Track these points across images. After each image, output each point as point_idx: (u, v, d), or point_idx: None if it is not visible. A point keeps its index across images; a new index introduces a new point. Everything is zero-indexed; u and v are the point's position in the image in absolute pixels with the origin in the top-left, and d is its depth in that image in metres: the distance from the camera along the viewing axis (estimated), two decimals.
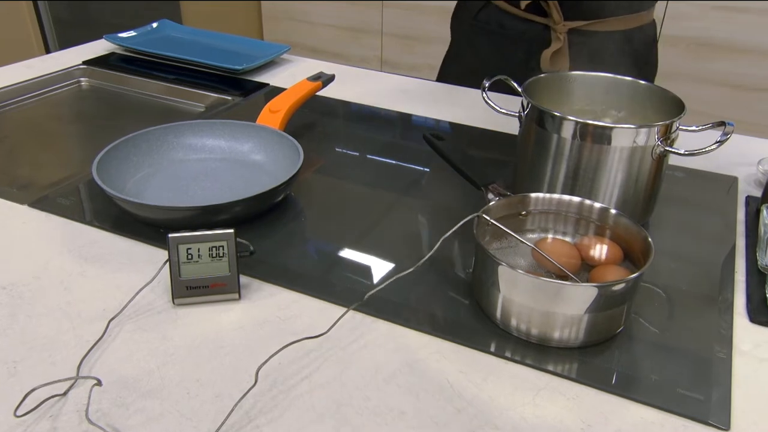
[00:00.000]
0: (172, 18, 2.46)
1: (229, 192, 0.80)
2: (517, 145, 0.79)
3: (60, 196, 0.80)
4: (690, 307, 0.65)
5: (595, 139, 0.70)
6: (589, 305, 0.56)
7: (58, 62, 1.21)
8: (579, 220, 0.67)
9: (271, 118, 0.90)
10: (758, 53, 2.32)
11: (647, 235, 0.61)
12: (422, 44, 2.77)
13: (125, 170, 0.81)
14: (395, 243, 0.74)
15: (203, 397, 0.53)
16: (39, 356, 0.57)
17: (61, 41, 2.44)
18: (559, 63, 1.07)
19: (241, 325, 0.61)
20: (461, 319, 0.62)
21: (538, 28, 1.09)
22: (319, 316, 0.62)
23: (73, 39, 2.10)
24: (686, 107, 0.72)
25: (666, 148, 0.70)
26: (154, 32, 1.34)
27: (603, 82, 0.82)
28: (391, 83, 1.20)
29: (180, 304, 0.63)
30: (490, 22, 1.15)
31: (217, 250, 0.63)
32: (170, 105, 1.12)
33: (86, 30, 2.27)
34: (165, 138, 0.86)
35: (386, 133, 1.00)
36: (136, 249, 0.72)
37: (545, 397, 0.54)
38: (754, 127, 2.35)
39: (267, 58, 1.21)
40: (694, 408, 0.53)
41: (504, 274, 0.58)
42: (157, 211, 0.72)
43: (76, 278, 0.67)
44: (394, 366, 0.57)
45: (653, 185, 0.74)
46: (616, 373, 0.57)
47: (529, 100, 0.74)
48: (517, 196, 0.67)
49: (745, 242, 0.75)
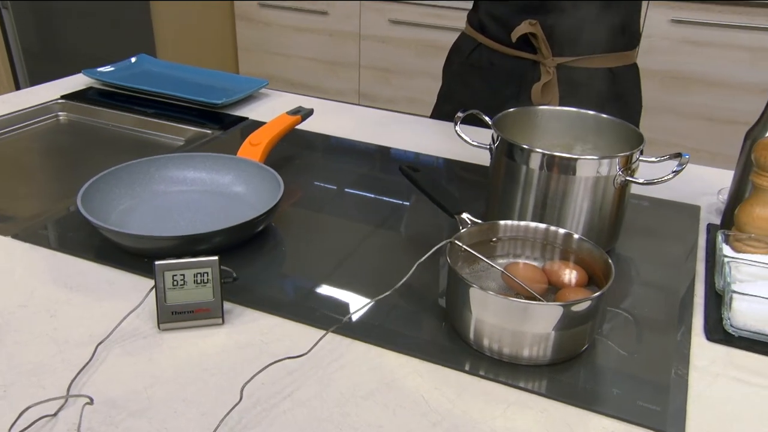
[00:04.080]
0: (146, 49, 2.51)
1: (211, 223, 0.82)
2: (489, 176, 0.83)
3: (43, 227, 0.82)
4: (651, 328, 0.69)
5: (561, 169, 0.74)
6: (556, 323, 0.60)
7: (36, 97, 1.24)
8: (545, 245, 0.71)
9: (251, 151, 0.93)
10: (729, 86, 2.42)
11: (608, 258, 0.65)
12: (399, 77, 2.84)
13: (109, 202, 0.83)
14: (372, 269, 0.77)
15: (189, 415, 0.55)
16: (28, 380, 0.58)
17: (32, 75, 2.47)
18: (549, 96, 1.12)
19: (225, 349, 0.64)
20: (436, 340, 0.65)
21: (527, 63, 1.15)
22: (300, 339, 0.65)
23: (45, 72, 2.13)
24: (645, 139, 0.77)
25: (627, 177, 0.75)
26: (132, 67, 1.37)
27: (569, 117, 0.87)
28: (368, 116, 1.25)
29: (165, 329, 0.66)
30: (481, 61, 1.21)
31: (202, 277, 0.66)
32: (150, 138, 1.15)
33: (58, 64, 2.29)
34: (147, 170, 0.89)
35: (364, 166, 1.04)
36: (120, 278, 0.74)
37: (515, 410, 0.57)
38: (726, 158, 2.43)
39: (245, 93, 1.25)
40: (653, 419, 0.57)
41: (476, 295, 0.61)
42: (142, 241, 0.75)
43: (62, 306, 0.69)
44: (372, 384, 0.60)
45: (617, 213, 0.78)
46: (581, 388, 0.60)
47: (498, 133, 0.78)
48: (487, 224, 0.71)
49: (705, 267, 0.80)
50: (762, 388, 0.61)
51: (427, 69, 2.78)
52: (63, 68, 2.14)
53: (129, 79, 1.29)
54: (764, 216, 0.75)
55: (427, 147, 1.12)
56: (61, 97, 1.22)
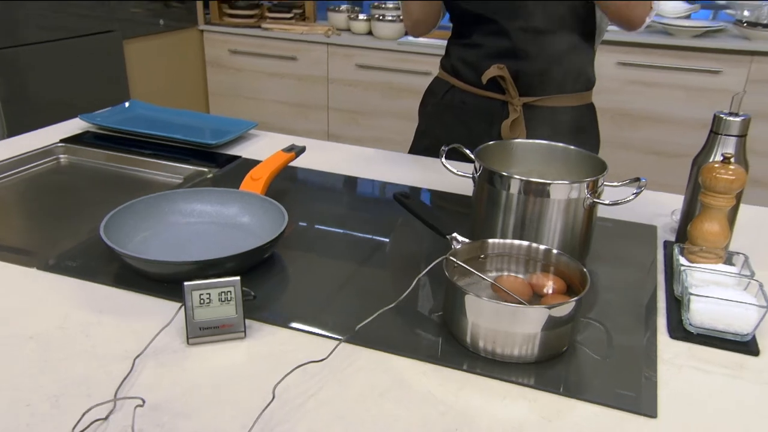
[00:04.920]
0: (120, 93, 2.57)
1: (221, 250, 0.89)
2: (472, 201, 0.93)
3: (66, 259, 0.88)
4: (623, 329, 0.79)
5: (537, 193, 0.85)
6: (542, 325, 0.69)
7: (35, 141, 1.30)
8: (528, 260, 0.81)
9: (253, 185, 1.01)
10: (671, 122, 2.61)
11: (584, 269, 0.75)
12: (367, 118, 2.96)
13: (126, 234, 0.90)
14: (375, 285, 0.86)
15: (227, 415, 0.62)
16: (76, 390, 0.65)
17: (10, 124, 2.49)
18: (517, 131, 1.24)
19: (250, 358, 0.71)
20: (437, 345, 0.74)
21: (497, 103, 1.27)
22: (316, 348, 0.73)
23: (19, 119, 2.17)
24: (608, 166, 0.88)
25: (594, 200, 0.86)
26: (126, 111, 1.45)
27: (540, 148, 0.98)
28: (353, 153, 1.34)
29: (194, 344, 0.73)
30: (455, 102, 1.33)
31: (226, 295, 0.73)
32: (149, 177, 1.22)
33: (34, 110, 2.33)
34: (159, 204, 0.96)
35: (354, 196, 1.13)
36: (142, 300, 0.81)
37: (510, 400, 0.66)
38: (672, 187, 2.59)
39: (237, 133, 1.34)
40: (629, 403, 0.66)
41: (471, 302, 0.70)
42: (164, 266, 0.82)
43: (95, 327, 0.75)
44: (385, 384, 0.68)
45: (586, 231, 0.89)
46: (565, 380, 0.69)
47: (480, 163, 0.89)
48: (477, 242, 0.80)
49: (665, 277, 0.91)
50: (718, 375, 0.71)
51: (393, 110, 2.91)
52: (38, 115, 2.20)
53: (125, 123, 1.36)
54: (713, 230, 0.86)
55: (409, 179, 1.22)
56: (60, 141, 1.28)
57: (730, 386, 0.70)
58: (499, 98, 1.27)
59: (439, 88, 1.36)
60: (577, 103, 1.30)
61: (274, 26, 2.97)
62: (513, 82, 1.23)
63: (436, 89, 1.38)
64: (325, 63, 2.93)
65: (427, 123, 1.42)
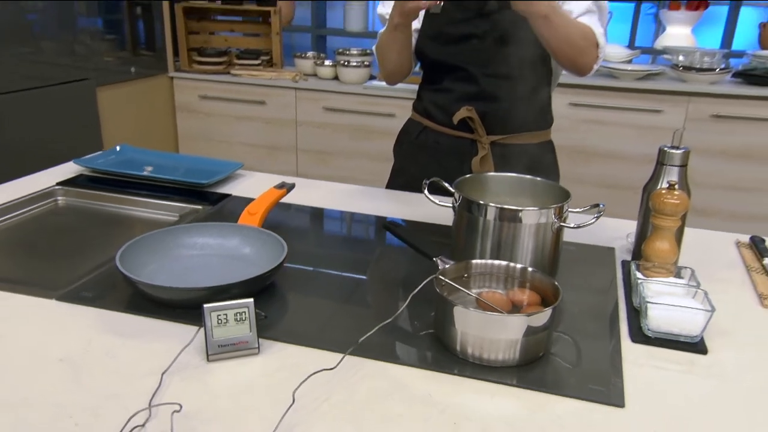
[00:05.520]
0: (93, 139, 2.63)
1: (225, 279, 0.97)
2: (453, 228, 1.04)
3: (81, 290, 0.95)
4: (591, 335, 0.89)
5: (511, 219, 0.96)
6: (523, 332, 0.79)
7: (32, 185, 1.36)
8: (507, 277, 0.91)
9: (250, 219, 1.10)
10: (621, 158, 2.79)
11: (555, 282, 0.85)
12: (335, 158, 3.07)
13: (137, 265, 0.97)
14: (368, 304, 0.95)
15: (252, 419, 0.70)
16: (113, 403, 0.72)
17: None
18: (486, 166, 1.36)
19: (265, 371, 0.79)
20: (430, 353, 0.83)
21: (467, 141, 1.40)
22: (323, 361, 0.81)
23: None
24: (571, 194, 1.00)
25: (561, 223, 0.97)
26: (118, 154, 1.52)
27: (511, 180, 1.10)
28: (336, 189, 1.44)
29: (213, 360, 0.81)
30: (428, 141, 1.45)
31: (241, 315, 0.82)
32: (145, 216, 1.30)
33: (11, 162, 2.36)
34: (164, 239, 1.04)
35: (343, 227, 1.23)
36: (157, 325, 0.88)
37: (499, 398, 0.76)
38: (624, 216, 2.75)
39: (227, 173, 1.42)
40: (601, 396, 0.76)
41: (459, 313, 0.80)
42: (178, 293, 0.90)
43: (119, 349, 0.82)
44: (387, 388, 0.77)
45: (554, 251, 1.00)
46: (545, 379, 0.79)
47: (460, 194, 1.00)
48: (461, 263, 0.91)
49: (624, 291, 1.02)
50: (673, 372, 0.82)
51: (360, 150, 3.03)
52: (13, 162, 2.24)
53: (118, 166, 1.44)
54: (663, 248, 0.99)
55: (390, 212, 1.32)
56: (56, 184, 1.35)
57: (684, 380, 0.81)
58: (468, 137, 1.39)
59: (413, 129, 1.48)
60: (538, 140, 1.43)
61: (243, 72, 3.08)
62: (481, 122, 1.36)
63: (410, 130, 1.50)
64: (293, 107, 3.04)
65: (402, 161, 1.53)
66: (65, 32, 2.51)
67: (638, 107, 2.72)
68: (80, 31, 2.58)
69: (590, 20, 1.29)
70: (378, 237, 1.22)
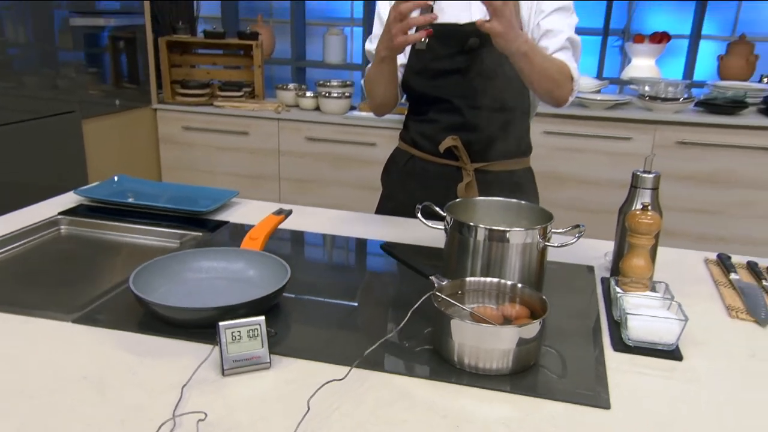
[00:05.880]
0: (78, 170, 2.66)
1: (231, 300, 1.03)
2: (445, 249, 1.11)
3: (95, 313, 1.00)
4: (577, 346, 0.97)
5: (499, 239, 1.03)
6: (515, 342, 0.86)
7: (34, 215, 1.40)
8: (498, 293, 0.98)
9: (252, 244, 1.16)
10: (594, 184, 2.91)
11: (543, 297, 0.93)
12: (317, 186, 3.14)
13: (148, 288, 1.02)
14: (372, 319, 1.02)
15: (270, 427, 0.76)
16: (138, 414, 0.77)
17: None
18: (471, 192, 1.45)
19: (277, 384, 0.85)
20: (429, 364, 0.89)
21: (452, 168, 1.48)
22: (330, 373, 0.86)
23: None
24: (554, 216, 1.08)
25: (545, 243, 1.05)
26: (116, 184, 1.57)
27: (497, 204, 1.18)
28: (327, 216, 1.51)
29: (228, 375, 0.86)
30: (415, 169, 1.53)
31: (253, 332, 0.87)
32: (147, 243, 1.35)
33: None
34: (171, 264, 1.09)
35: (339, 250, 1.29)
36: (171, 343, 0.93)
37: (496, 403, 0.82)
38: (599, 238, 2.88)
39: (223, 201, 1.48)
40: (589, 399, 0.83)
41: (456, 326, 0.87)
42: (190, 313, 0.95)
43: (137, 366, 0.87)
44: (393, 396, 0.83)
45: (540, 269, 1.08)
46: (536, 385, 0.86)
47: (451, 216, 1.07)
48: (456, 281, 0.98)
49: (604, 305, 1.10)
50: (653, 377, 0.90)
51: (341, 179, 3.10)
52: None
53: (117, 195, 1.49)
54: (639, 265, 1.07)
55: (381, 235, 1.39)
56: (58, 213, 1.40)
57: (663, 384, 0.88)
58: (454, 165, 1.48)
59: (401, 158, 1.56)
60: (519, 167, 1.52)
61: (226, 104, 3.15)
62: (465, 151, 1.44)
63: (398, 159, 1.57)
64: (276, 136, 3.11)
65: (390, 189, 1.61)
66: (49, 66, 2.56)
67: (608, 135, 2.84)
68: (64, 64, 2.63)
69: (565, 56, 1.39)
70: (373, 259, 1.29)
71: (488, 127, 1.44)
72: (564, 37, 1.38)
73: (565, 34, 1.38)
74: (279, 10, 3.98)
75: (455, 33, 1.42)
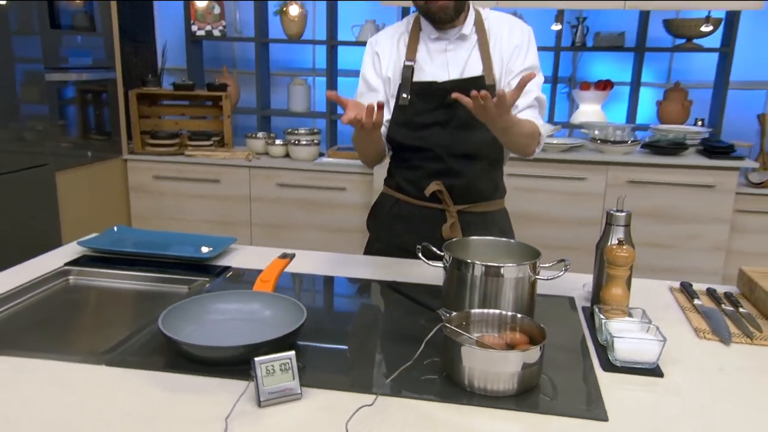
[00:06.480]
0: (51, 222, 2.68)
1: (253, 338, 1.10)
2: (444, 284, 1.22)
3: (126, 355, 1.06)
4: (570, 368, 1.08)
5: (494, 274, 1.15)
6: (519, 366, 0.97)
7: (40, 267, 1.44)
8: (500, 323, 1.09)
9: (263, 286, 1.24)
10: (555, 221, 3.08)
11: (541, 325, 1.04)
12: (287, 231, 3.22)
13: (175, 330, 1.08)
14: (388, 349, 1.11)
15: None
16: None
17: None
18: (455, 232, 1.56)
19: (311, 411, 0.93)
20: (442, 388, 0.99)
21: (436, 211, 1.60)
22: (356, 400, 0.95)
23: None
24: (541, 253, 1.21)
25: (536, 276, 1.17)
26: (116, 234, 1.63)
27: (489, 243, 1.30)
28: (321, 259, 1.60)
29: (264, 406, 0.94)
30: (402, 212, 1.64)
31: (285, 366, 0.96)
32: (156, 290, 1.40)
33: None
34: (191, 307, 1.16)
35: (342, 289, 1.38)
36: (201, 381, 1.00)
37: (504, 420, 0.93)
38: None
39: (224, 247, 1.56)
40: (587, 413, 0.94)
41: (466, 352, 0.97)
42: (219, 351, 1.03)
43: (176, 401, 0.94)
44: (417, 417, 0.92)
45: (531, 300, 1.20)
46: (539, 404, 0.97)
47: (450, 254, 1.19)
48: (462, 312, 1.08)
49: (589, 331, 1.22)
50: (639, 392, 1.02)
51: (312, 223, 3.19)
52: None
53: (119, 244, 1.55)
54: (618, 294, 1.20)
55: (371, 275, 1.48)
56: (64, 264, 1.45)
57: (650, 397, 1.00)
58: (438, 207, 1.60)
59: (387, 202, 1.68)
60: (496, 208, 1.66)
61: (197, 153, 3.22)
62: (448, 194, 1.57)
63: (385, 203, 1.69)
64: (247, 183, 3.19)
65: (378, 231, 1.71)
66: (23, 120, 2.59)
67: (565, 176, 3.03)
68: (38, 118, 2.67)
69: (533, 114, 1.54)
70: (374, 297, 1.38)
71: (468, 173, 1.58)
72: (532, 96, 1.53)
73: (533, 93, 1.53)
74: (242, 61, 4.10)
75: (435, 91, 1.56)
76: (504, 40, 1.56)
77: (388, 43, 1.61)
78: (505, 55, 1.55)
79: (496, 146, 1.59)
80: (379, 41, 1.63)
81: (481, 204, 1.62)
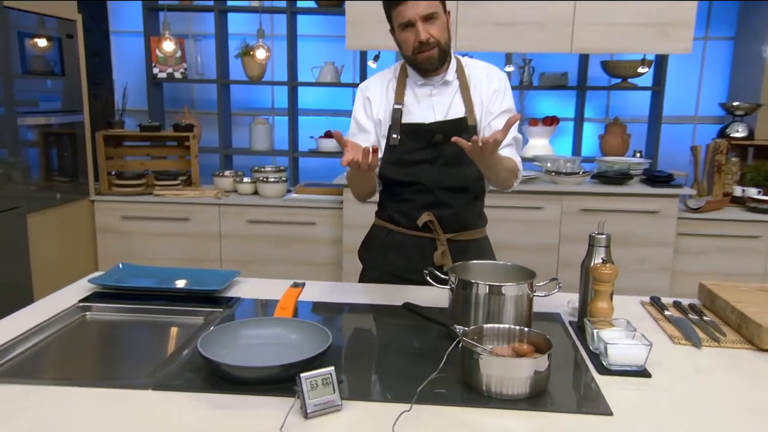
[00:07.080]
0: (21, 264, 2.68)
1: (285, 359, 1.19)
2: (450, 304, 1.34)
3: (170, 379, 1.14)
4: (569, 373, 1.22)
5: (496, 293, 1.29)
6: (531, 372, 1.10)
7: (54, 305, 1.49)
8: (509, 336, 1.22)
9: (284, 312, 1.34)
10: (517, 248, 3.26)
11: (547, 336, 1.18)
12: (258, 266, 3.28)
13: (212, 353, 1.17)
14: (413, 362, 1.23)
15: None
16: None
17: None
18: (446, 259, 1.69)
19: (352, 420, 1.03)
20: (462, 395, 1.11)
21: (427, 240, 1.73)
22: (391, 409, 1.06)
23: None
24: (536, 274, 1.35)
25: (533, 294, 1.31)
26: (122, 271, 1.69)
27: (488, 266, 1.44)
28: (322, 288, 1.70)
29: (310, 417, 1.03)
30: (394, 242, 1.76)
31: (326, 380, 1.06)
32: (173, 321, 1.47)
33: None
34: (221, 335, 1.25)
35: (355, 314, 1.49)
36: (243, 399, 1.09)
37: (519, 419, 1.05)
38: None
39: (230, 280, 1.64)
40: (594, 409, 1.08)
41: (484, 360, 1.10)
42: (259, 371, 1.12)
43: (227, 418, 1.03)
44: (447, 421, 1.03)
45: (529, 316, 1.33)
46: (549, 404, 1.10)
47: (456, 276, 1.32)
48: (475, 328, 1.21)
49: (580, 342, 1.36)
50: (632, 391, 1.16)
51: (282, 257, 3.27)
52: None
53: (127, 281, 1.61)
54: (604, 307, 1.35)
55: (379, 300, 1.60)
56: (79, 301, 1.50)
57: (642, 394, 1.15)
58: (428, 236, 1.73)
59: (380, 233, 1.80)
60: (480, 236, 1.81)
61: (166, 192, 3.26)
62: (439, 224, 1.71)
63: (377, 234, 1.81)
64: (217, 221, 3.25)
65: (371, 261, 1.83)
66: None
67: (523, 206, 3.23)
68: (8, 162, 2.69)
69: (511, 152, 1.71)
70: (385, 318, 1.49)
71: (456, 204, 1.72)
72: (511, 136, 1.70)
73: (512, 133, 1.70)
74: (201, 102, 4.18)
75: (423, 131, 1.71)
76: (483, 85, 1.73)
77: (378, 88, 1.76)
78: (484, 98, 1.72)
79: (480, 180, 1.74)
80: (369, 87, 1.77)
81: (467, 232, 1.77)
